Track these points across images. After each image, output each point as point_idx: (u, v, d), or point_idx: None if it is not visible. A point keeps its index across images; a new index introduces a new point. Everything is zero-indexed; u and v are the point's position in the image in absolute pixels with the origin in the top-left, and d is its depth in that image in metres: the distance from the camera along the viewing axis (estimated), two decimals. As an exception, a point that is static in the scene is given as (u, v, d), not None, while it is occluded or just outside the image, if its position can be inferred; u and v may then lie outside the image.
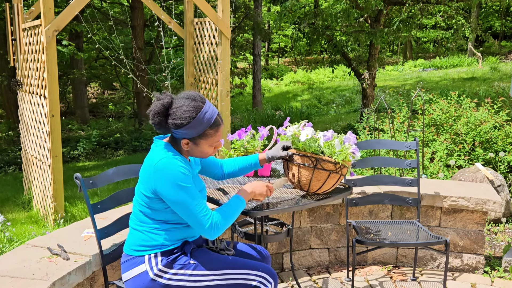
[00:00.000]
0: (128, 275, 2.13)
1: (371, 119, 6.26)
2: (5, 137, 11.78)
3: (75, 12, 4.88)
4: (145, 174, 2.07)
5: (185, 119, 2.02)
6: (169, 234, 2.11)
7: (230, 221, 2.10)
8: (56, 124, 4.88)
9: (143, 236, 2.12)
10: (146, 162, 2.10)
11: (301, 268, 3.66)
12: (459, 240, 3.57)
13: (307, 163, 2.45)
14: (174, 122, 2.03)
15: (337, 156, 2.42)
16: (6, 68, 11.14)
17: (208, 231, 2.03)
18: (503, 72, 17.74)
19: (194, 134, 2.06)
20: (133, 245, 2.14)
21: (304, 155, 2.45)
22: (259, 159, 2.51)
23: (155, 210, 2.09)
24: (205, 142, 2.10)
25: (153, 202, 2.07)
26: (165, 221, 2.11)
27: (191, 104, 2.04)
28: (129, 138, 11.46)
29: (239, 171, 2.53)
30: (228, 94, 5.81)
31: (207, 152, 2.15)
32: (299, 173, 2.49)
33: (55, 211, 4.91)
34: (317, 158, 2.43)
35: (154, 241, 2.10)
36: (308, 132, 2.44)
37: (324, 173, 2.45)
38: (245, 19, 14.47)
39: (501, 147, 5.24)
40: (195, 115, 2.03)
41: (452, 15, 11.13)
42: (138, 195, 2.13)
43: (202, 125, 2.05)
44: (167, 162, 2.01)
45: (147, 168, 2.06)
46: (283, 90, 21.37)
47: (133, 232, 2.17)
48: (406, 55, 28.10)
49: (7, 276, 2.16)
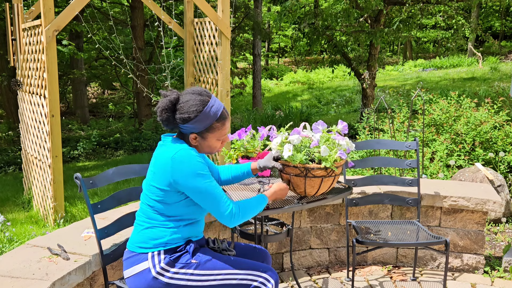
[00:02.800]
0: (130, 272, 2.13)
1: (371, 119, 6.26)
2: (5, 137, 11.78)
3: (75, 12, 4.88)
4: (160, 168, 2.09)
5: (193, 113, 2.07)
6: (176, 232, 2.12)
7: (251, 214, 2.16)
8: (56, 124, 4.88)
9: (149, 233, 2.13)
10: (158, 156, 2.12)
11: (301, 268, 3.67)
12: (459, 240, 3.57)
13: (297, 173, 2.45)
14: (181, 116, 2.07)
15: (326, 161, 2.42)
16: (6, 68, 11.15)
17: (227, 217, 2.08)
18: (503, 72, 17.74)
19: (202, 128, 2.11)
20: (138, 241, 2.15)
21: (294, 166, 2.45)
22: (251, 168, 2.53)
23: (169, 204, 2.10)
24: (213, 135, 2.15)
25: (168, 195, 2.09)
26: (176, 216, 2.13)
27: (197, 98, 2.09)
28: (129, 138, 11.46)
29: (232, 179, 2.56)
30: (228, 94, 5.81)
31: (215, 146, 2.19)
32: (292, 183, 2.50)
33: (55, 211, 4.90)
34: (306, 168, 2.42)
35: (160, 238, 2.11)
36: (289, 146, 2.43)
37: (317, 180, 2.46)
38: (245, 19, 14.47)
39: (501, 147, 5.24)
40: (202, 109, 2.08)
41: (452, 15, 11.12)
42: (149, 190, 2.14)
43: (209, 119, 2.10)
44: (185, 154, 2.06)
45: (162, 161, 2.08)
46: (283, 90, 21.37)
47: (138, 229, 2.17)
48: (406, 55, 28.11)
49: (7, 276, 2.16)
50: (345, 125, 2.61)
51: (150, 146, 11.02)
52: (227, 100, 5.79)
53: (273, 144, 2.55)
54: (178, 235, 2.13)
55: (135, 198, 2.56)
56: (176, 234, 2.13)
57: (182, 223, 2.14)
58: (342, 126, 2.61)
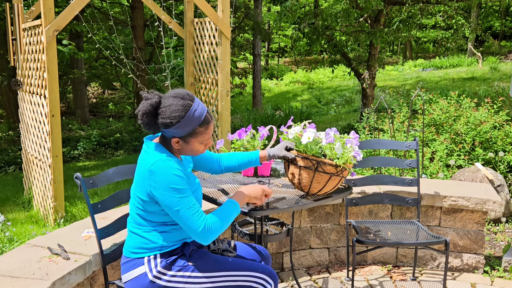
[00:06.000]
0: (128, 276, 2.12)
1: (371, 119, 6.26)
2: (5, 137, 11.79)
3: (75, 12, 4.88)
4: (139, 177, 2.05)
5: (175, 118, 1.99)
6: (167, 236, 2.10)
7: (225, 226, 2.07)
8: (56, 124, 4.88)
9: (141, 239, 2.11)
10: (139, 164, 2.08)
11: (301, 268, 3.67)
12: (459, 240, 3.57)
13: (308, 166, 2.44)
14: (163, 121, 1.99)
15: (339, 160, 2.42)
16: (6, 68, 11.15)
17: (201, 235, 1.99)
18: (503, 72, 17.74)
19: (184, 133, 2.04)
20: (132, 247, 2.12)
21: (305, 157, 2.44)
22: (259, 156, 2.50)
23: (151, 212, 2.07)
24: (196, 140, 2.07)
25: (148, 205, 2.06)
26: (163, 223, 2.10)
27: (179, 103, 2.00)
28: (129, 138, 11.47)
29: (238, 166, 2.52)
30: (228, 94, 5.81)
31: (198, 149, 2.12)
32: (300, 175, 2.48)
33: (55, 211, 4.91)
34: (318, 161, 2.41)
35: (152, 243, 2.09)
36: (309, 134, 2.43)
37: (325, 176, 2.44)
38: (245, 19, 14.46)
39: (501, 147, 5.24)
40: (184, 114, 1.99)
41: (452, 15, 11.12)
42: (134, 197, 2.11)
43: (192, 124, 2.02)
44: (161, 166, 1.98)
45: (141, 171, 2.04)
46: (283, 90, 21.37)
47: (131, 235, 2.15)
48: (406, 55, 28.11)
49: (7, 276, 2.16)
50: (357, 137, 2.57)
51: (150, 146, 11.02)
52: (227, 100, 5.79)
53: (290, 133, 2.53)
54: (171, 239, 2.11)
55: (135, 198, 2.56)
56: (168, 237, 2.10)
57: (171, 228, 2.11)
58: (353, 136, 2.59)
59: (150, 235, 2.10)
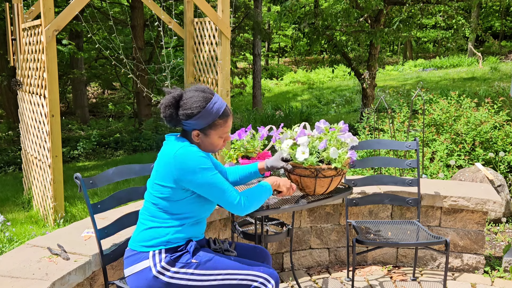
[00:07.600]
0: (131, 270, 2.14)
1: (371, 119, 6.26)
2: (5, 137, 11.78)
3: (75, 12, 4.87)
4: (164, 166, 2.11)
5: (196, 109, 2.10)
6: (179, 231, 2.13)
7: (259, 202, 2.19)
8: (56, 124, 4.88)
9: (151, 232, 2.14)
10: (161, 155, 2.15)
11: (301, 268, 3.66)
12: (459, 240, 3.57)
13: (308, 174, 2.48)
14: (185, 112, 2.11)
15: (336, 163, 2.46)
16: (6, 68, 11.14)
17: (237, 206, 2.11)
18: (503, 72, 17.74)
19: (204, 124, 2.14)
20: (141, 240, 2.15)
21: (304, 168, 2.48)
22: (258, 168, 2.54)
23: (174, 201, 2.12)
24: (215, 132, 2.17)
25: (173, 193, 2.10)
26: (180, 214, 2.14)
27: (200, 95, 2.13)
28: (129, 138, 11.46)
29: (240, 180, 2.58)
30: (228, 94, 5.81)
31: (217, 143, 2.21)
32: (302, 182, 2.53)
33: (55, 211, 4.90)
34: (317, 169, 2.46)
35: (162, 237, 2.12)
36: (303, 149, 2.46)
37: (327, 179, 2.50)
38: (245, 19, 14.47)
39: (501, 147, 5.24)
40: (205, 105, 2.11)
41: (452, 15, 11.12)
42: (154, 188, 2.16)
43: (211, 115, 2.13)
44: (186, 150, 2.08)
45: (165, 159, 2.11)
46: (283, 90, 21.37)
47: (141, 227, 2.18)
48: (406, 55, 28.10)
49: (7, 276, 2.16)
50: (346, 125, 2.67)
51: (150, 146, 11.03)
52: (227, 100, 5.79)
53: (283, 146, 2.55)
54: (181, 235, 2.14)
55: (135, 198, 2.56)
56: (179, 233, 2.14)
57: (186, 222, 2.15)
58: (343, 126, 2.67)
59: (161, 228, 2.13)
